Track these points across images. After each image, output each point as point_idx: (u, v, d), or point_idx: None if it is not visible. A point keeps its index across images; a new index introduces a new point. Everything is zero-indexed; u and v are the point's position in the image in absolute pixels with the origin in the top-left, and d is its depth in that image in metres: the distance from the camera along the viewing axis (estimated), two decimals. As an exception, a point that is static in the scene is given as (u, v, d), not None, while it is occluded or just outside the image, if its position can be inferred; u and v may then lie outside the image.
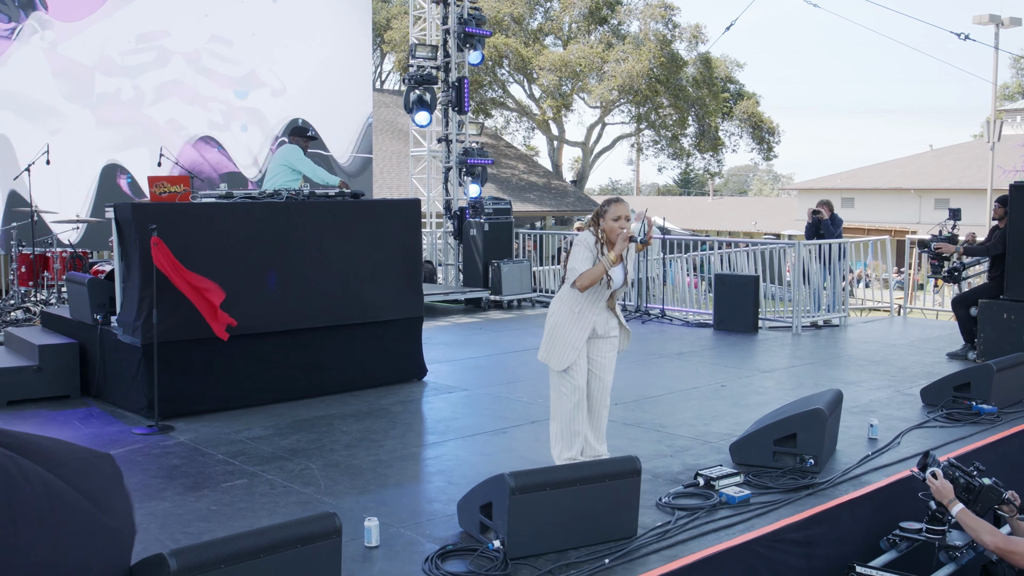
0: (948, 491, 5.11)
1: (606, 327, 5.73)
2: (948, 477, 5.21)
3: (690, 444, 6.54)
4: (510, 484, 4.31)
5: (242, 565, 3.53)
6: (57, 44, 13.61)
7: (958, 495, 5.16)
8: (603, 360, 5.77)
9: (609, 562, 4.38)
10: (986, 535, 4.86)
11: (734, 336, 11.54)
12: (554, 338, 5.63)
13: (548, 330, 5.67)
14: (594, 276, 5.47)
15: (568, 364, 5.55)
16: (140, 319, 7.14)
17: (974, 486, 5.28)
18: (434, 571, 4.26)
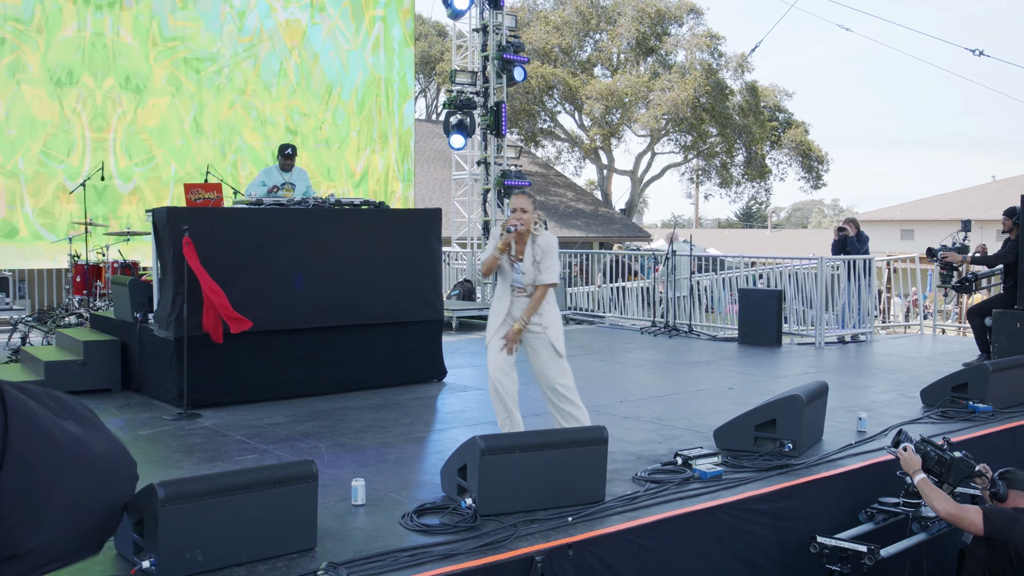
0: (916, 463, 5.37)
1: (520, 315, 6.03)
2: (919, 451, 5.47)
3: (682, 434, 6.84)
4: (481, 446, 4.69)
5: (224, 499, 3.96)
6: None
7: (930, 468, 5.41)
8: (532, 352, 6.06)
9: (572, 520, 4.72)
10: (938, 502, 5.13)
11: (757, 349, 11.77)
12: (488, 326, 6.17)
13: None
14: (487, 262, 5.98)
15: (487, 343, 6.05)
16: (173, 314, 7.67)
17: (945, 459, 5.52)
18: (409, 523, 4.65)
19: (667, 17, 33.72)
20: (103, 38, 13.85)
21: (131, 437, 6.75)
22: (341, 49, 16.05)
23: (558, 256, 6.08)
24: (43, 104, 13.45)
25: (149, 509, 3.85)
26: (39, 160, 13.50)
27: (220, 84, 14.96)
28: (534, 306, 5.95)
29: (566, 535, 4.52)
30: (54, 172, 13.57)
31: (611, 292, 16.23)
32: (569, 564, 4.38)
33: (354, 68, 16.27)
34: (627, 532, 4.65)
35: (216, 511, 3.95)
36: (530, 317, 5.94)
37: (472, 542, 4.36)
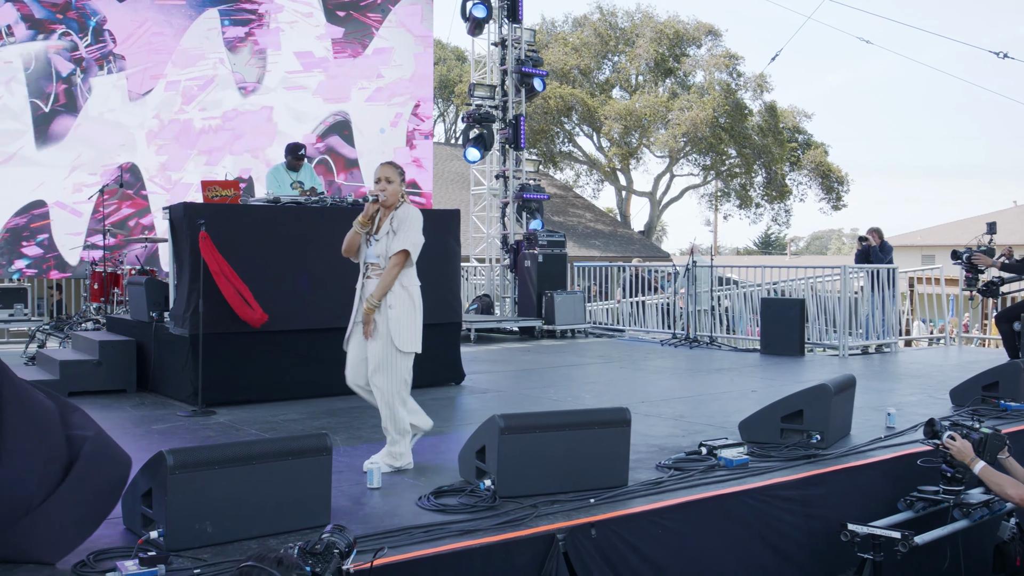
0: (968, 450, 5.18)
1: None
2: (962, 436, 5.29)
3: (705, 429, 6.67)
4: (500, 424, 4.55)
5: (235, 468, 3.84)
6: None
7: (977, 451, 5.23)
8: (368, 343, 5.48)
9: (594, 502, 4.57)
10: (1010, 488, 4.95)
11: (779, 358, 11.57)
12: None
13: None
14: (347, 239, 5.48)
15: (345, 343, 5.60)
16: (188, 311, 7.58)
17: (980, 438, 5.34)
18: (426, 504, 4.51)
19: (685, 39, 33.74)
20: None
21: (144, 431, 6.65)
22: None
23: (421, 230, 5.44)
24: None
25: (158, 477, 3.74)
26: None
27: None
28: (387, 280, 5.29)
29: (588, 515, 4.37)
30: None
31: (631, 307, 16.11)
32: (591, 543, 4.23)
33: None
34: (651, 513, 4.50)
35: (226, 481, 3.83)
36: (383, 294, 5.30)
37: (490, 520, 4.22)
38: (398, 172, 5.48)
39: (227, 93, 15.55)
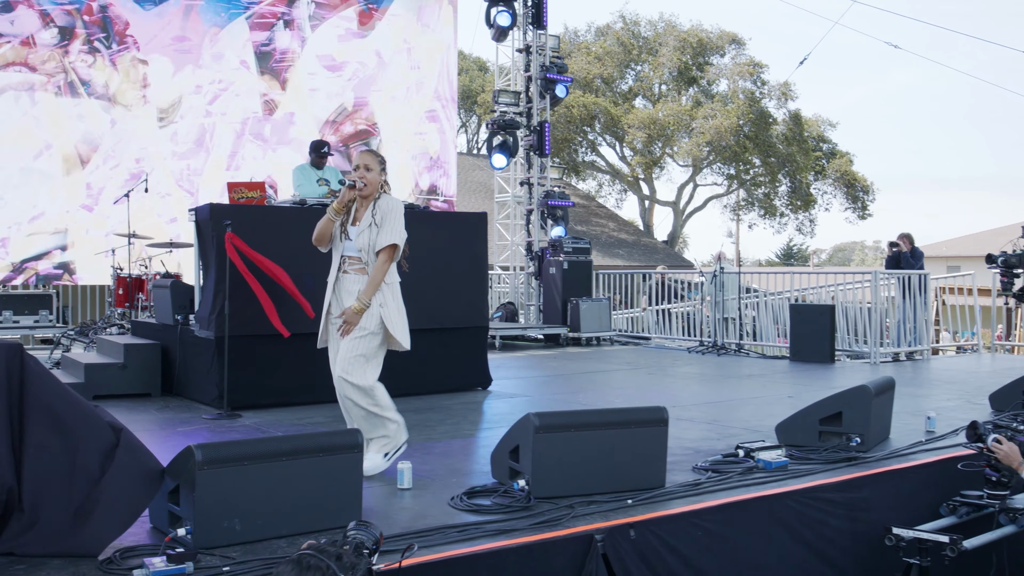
0: (1016, 453, 5.01)
1: (348, 295, 5.15)
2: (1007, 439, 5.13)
3: (740, 432, 6.52)
4: (535, 423, 4.43)
5: (264, 464, 3.74)
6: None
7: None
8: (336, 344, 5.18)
9: (632, 502, 4.44)
10: None
11: (809, 365, 11.38)
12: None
13: None
14: (320, 226, 5.14)
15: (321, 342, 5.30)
16: (214, 313, 7.50)
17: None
18: (459, 504, 4.39)
19: (709, 47, 33.58)
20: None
21: (169, 433, 6.57)
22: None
23: (403, 221, 5.22)
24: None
25: (186, 473, 3.64)
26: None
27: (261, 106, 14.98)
28: (377, 277, 5.03)
29: (626, 516, 4.23)
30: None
31: (656, 315, 15.95)
32: (630, 545, 4.09)
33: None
34: (691, 515, 4.36)
35: (256, 478, 3.72)
36: (374, 292, 5.04)
37: (526, 521, 4.10)
38: (378, 160, 5.20)
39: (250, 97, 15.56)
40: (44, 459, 3.64)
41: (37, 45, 13.78)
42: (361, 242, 5.09)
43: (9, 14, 13.55)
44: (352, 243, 5.12)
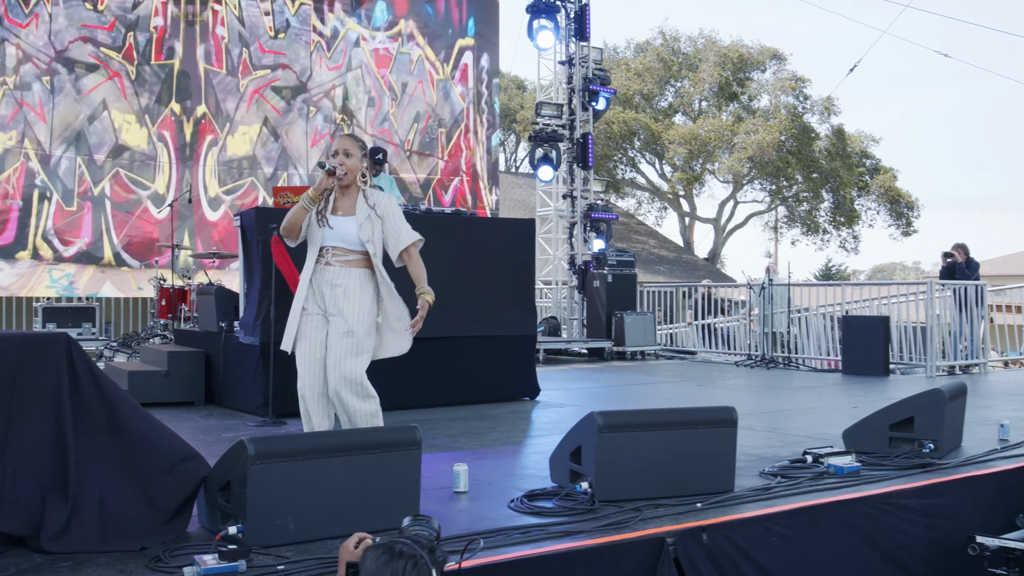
0: None
1: (334, 304, 4.66)
2: None
3: (803, 440, 6.26)
4: (599, 422, 4.22)
5: (319, 460, 3.56)
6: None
7: None
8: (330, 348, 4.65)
9: (701, 506, 4.21)
10: None
11: (863, 378, 11.06)
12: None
13: None
14: (293, 214, 4.63)
15: (286, 345, 4.72)
16: (259, 318, 7.36)
17: None
18: (520, 506, 4.18)
19: (749, 63, 33.27)
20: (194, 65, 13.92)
21: (214, 439, 6.42)
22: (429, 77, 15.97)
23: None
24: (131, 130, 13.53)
25: (237, 468, 3.47)
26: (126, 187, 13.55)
27: (310, 111, 14.94)
28: (422, 271, 4.79)
29: (696, 519, 4.01)
30: (139, 198, 13.60)
31: (699, 329, 15.68)
32: (702, 549, 3.87)
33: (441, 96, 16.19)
34: (765, 519, 4.13)
35: (310, 474, 3.55)
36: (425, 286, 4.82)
37: (592, 523, 3.88)
38: (359, 146, 4.78)
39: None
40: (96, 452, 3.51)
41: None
42: (365, 234, 4.67)
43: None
44: (334, 232, 4.64)
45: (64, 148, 13.29)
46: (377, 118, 15.64)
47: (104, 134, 13.47)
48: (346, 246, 4.68)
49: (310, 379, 4.68)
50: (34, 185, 13.16)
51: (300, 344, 4.67)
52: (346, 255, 4.69)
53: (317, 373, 4.67)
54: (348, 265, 4.69)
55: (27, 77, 13.02)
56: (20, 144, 13.00)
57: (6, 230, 13.00)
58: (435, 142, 16.60)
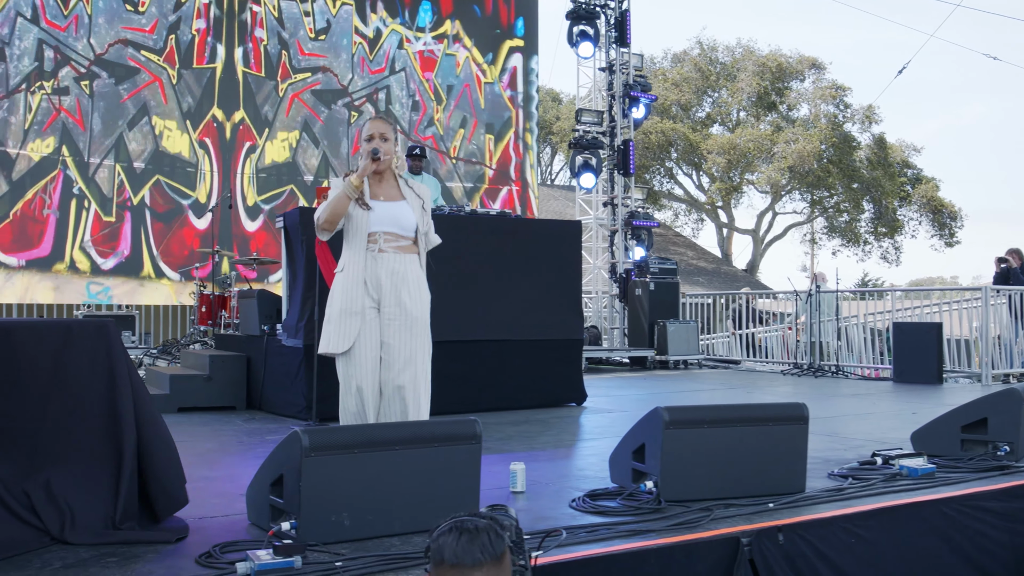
0: None
1: (393, 293, 4.39)
2: None
3: (866, 443, 6.02)
4: (664, 418, 4.02)
5: (377, 453, 3.39)
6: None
7: None
8: (391, 342, 4.39)
9: (773, 506, 3.99)
10: None
11: (915, 386, 10.74)
12: (325, 320, 4.45)
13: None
14: (333, 202, 4.29)
15: (337, 346, 4.35)
16: (303, 320, 7.23)
17: None
18: (582, 506, 3.99)
19: (788, 72, 32.95)
20: (233, 69, 13.87)
21: (258, 441, 6.29)
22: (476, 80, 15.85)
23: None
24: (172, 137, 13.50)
25: (291, 461, 3.30)
26: (166, 196, 13.50)
27: (351, 116, 14.86)
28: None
29: (770, 519, 3.79)
30: (180, 208, 13.55)
31: (742, 339, 15.41)
32: (778, 550, 3.65)
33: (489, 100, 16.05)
34: (843, 519, 3.90)
35: (367, 467, 3.37)
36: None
37: (662, 522, 3.68)
38: (393, 129, 4.51)
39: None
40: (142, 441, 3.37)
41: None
42: (406, 221, 4.43)
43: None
44: (384, 216, 4.36)
45: (103, 155, 13.27)
46: (422, 123, 15.51)
47: (144, 140, 13.44)
48: (400, 231, 4.44)
49: (371, 377, 4.40)
50: (71, 194, 13.14)
51: (359, 341, 4.36)
52: (399, 240, 4.44)
53: (375, 371, 4.42)
54: (403, 251, 4.46)
55: (65, 81, 13.00)
56: (58, 151, 12.98)
57: (43, 242, 12.98)
58: (482, 149, 16.47)
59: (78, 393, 3.36)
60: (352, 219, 4.37)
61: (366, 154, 4.32)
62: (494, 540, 2.20)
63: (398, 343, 4.40)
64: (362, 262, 4.37)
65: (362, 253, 4.38)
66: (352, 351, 4.37)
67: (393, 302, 4.40)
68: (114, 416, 3.37)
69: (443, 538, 2.23)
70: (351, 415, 4.44)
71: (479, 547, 2.18)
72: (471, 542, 2.18)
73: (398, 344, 4.40)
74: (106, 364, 3.41)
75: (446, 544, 2.20)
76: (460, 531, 2.21)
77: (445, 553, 2.19)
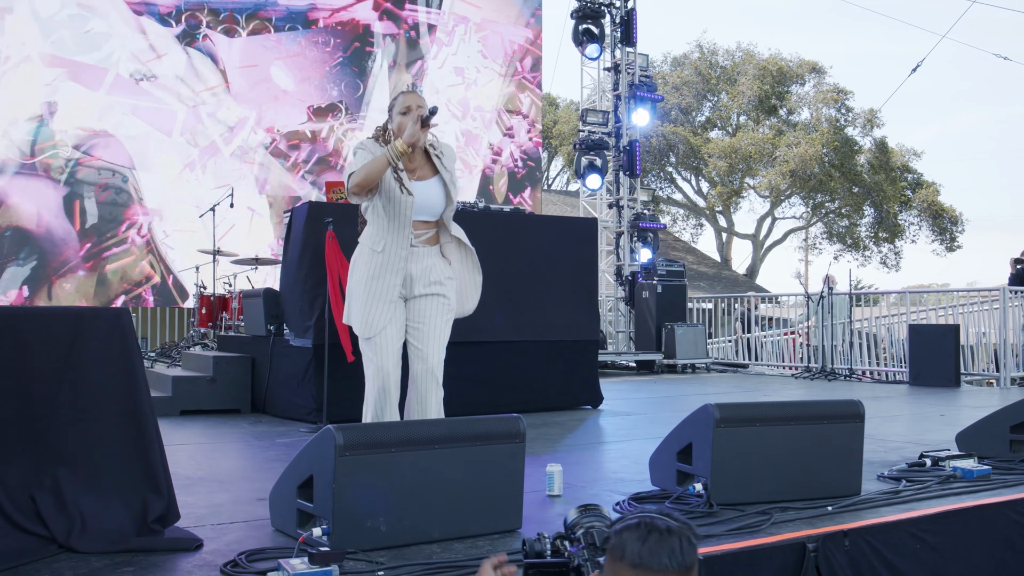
0: None
1: (426, 272, 4.20)
2: None
3: (905, 446, 5.76)
4: (715, 415, 3.76)
5: (414, 452, 3.12)
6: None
7: None
8: (423, 327, 4.22)
9: (832, 509, 3.74)
10: None
11: (933, 389, 10.48)
12: (351, 293, 4.20)
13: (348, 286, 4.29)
14: (373, 167, 3.93)
15: (369, 330, 4.10)
16: (312, 319, 6.96)
17: None
18: (627, 509, 3.73)
19: (788, 76, 32.77)
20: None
21: (268, 444, 6.00)
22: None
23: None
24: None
25: (323, 461, 3.03)
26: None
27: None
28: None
29: (831, 524, 3.53)
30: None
31: (750, 342, 15.17)
32: (844, 556, 3.39)
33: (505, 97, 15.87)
34: (908, 523, 3.64)
35: (405, 468, 3.11)
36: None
37: (719, 527, 3.42)
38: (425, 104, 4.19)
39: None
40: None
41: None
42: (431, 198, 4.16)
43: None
44: (417, 202, 4.08)
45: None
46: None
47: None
48: (429, 217, 4.19)
49: (395, 370, 4.18)
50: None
51: (388, 328, 4.14)
52: (427, 230, 4.22)
53: (399, 362, 4.21)
54: (428, 243, 4.24)
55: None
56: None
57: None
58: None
59: (92, 389, 3.09)
60: (392, 201, 4.06)
61: (415, 119, 4.01)
62: (685, 548, 1.93)
63: (435, 331, 4.26)
64: (403, 252, 4.13)
65: (405, 240, 4.12)
66: (380, 338, 4.17)
67: (426, 291, 4.24)
68: (132, 413, 3.11)
69: (628, 533, 1.95)
70: (373, 399, 4.21)
71: (667, 551, 1.91)
72: (659, 543, 1.91)
73: (434, 332, 4.26)
74: (122, 356, 3.15)
75: (629, 540, 1.93)
76: (649, 529, 1.94)
77: (627, 550, 1.92)
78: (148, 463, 3.13)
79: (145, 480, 3.12)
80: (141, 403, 3.17)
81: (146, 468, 3.13)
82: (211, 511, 3.74)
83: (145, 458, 3.14)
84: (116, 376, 3.14)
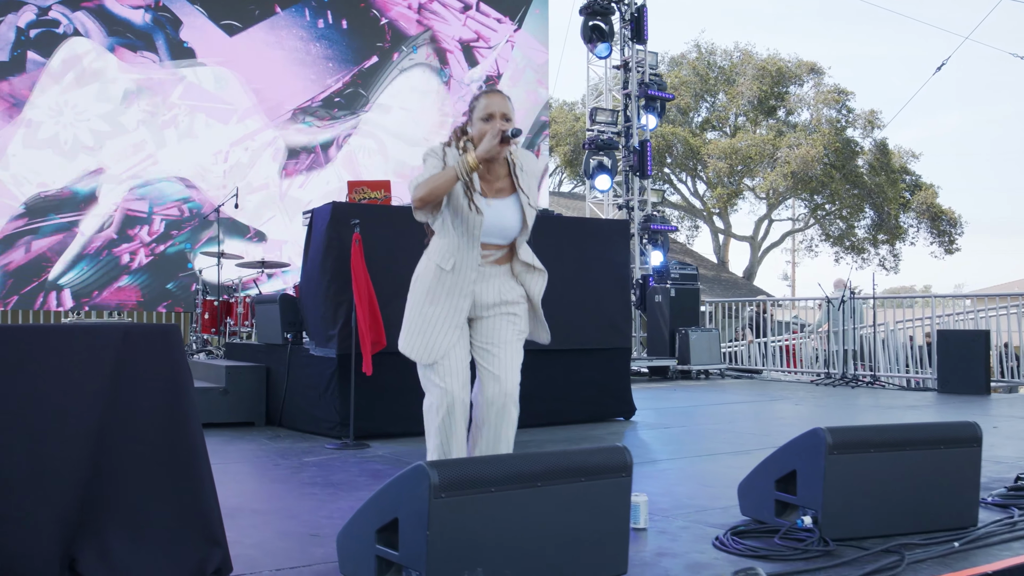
0: None
1: (496, 294, 3.78)
2: None
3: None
4: (828, 440, 3.37)
5: (515, 491, 2.70)
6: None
7: None
8: (494, 348, 3.79)
9: (959, 545, 3.35)
10: None
11: (962, 397, 10.12)
12: (410, 314, 3.78)
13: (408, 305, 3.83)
14: (439, 181, 3.53)
15: (431, 356, 3.69)
16: (336, 327, 6.53)
17: None
18: (733, 547, 3.32)
19: (787, 76, 32.49)
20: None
21: (296, 464, 5.56)
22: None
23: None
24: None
25: (413, 502, 2.61)
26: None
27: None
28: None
29: (968, 566, 3.15)
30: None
31: (762, 347, 14.81)
32: (990, 603, 3.01)
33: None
34: (1052, 563, 3.26)
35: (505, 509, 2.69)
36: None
37: (848, 570, 3.02)
38: (512, 108, 3.73)
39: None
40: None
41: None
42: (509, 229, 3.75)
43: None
44: (491, 223, 3.67)
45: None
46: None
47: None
48: (502, 241, 3.75)
49: (462, 391, 3.72)
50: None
51: (453, 350, 3.71)
52: (499, 252, 3.78)
53: (468, 384, 3.76)
54: (499, 263, 3.79)
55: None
56: None
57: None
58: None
59: (140, 423, 2.66)
60: (460, 216, 3.63)
61: (495, 133, 3.54)
62: None
63: (509, 351, 3.79)
64: (473, 273, 3.70)
65: (474, 260, 3.69)
66: (446, 361, 3.72)
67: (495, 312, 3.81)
68: (186, 448, 2.69)
69: None
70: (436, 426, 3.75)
71: None
72: None
73: (509, 353, 3.79)
74: (173, 383, 2.72)
75: None
76: None
77: None
78: (203, 508, 2.72)
79: (200, 529, 2.70)
80: (193, 438, 2.75)
81: (201, 514, 2.71)
82: (261, 553, 3.32)
83: (199, 501, 2.72)
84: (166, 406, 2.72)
